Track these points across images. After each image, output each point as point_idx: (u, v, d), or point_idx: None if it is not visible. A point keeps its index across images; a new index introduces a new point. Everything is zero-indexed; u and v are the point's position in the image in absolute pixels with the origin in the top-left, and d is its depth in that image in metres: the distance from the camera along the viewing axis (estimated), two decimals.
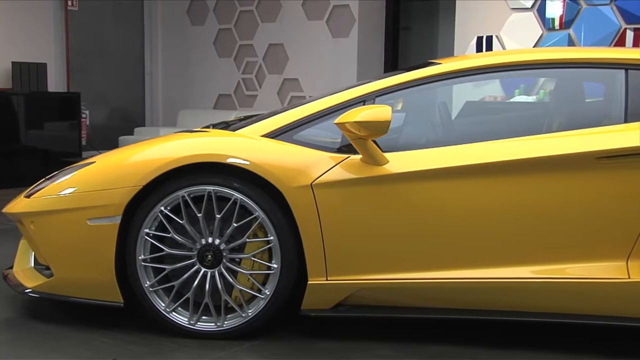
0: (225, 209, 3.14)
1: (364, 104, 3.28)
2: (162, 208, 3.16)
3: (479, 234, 3.08)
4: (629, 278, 2.95)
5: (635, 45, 5.64)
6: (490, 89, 5.69)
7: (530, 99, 5.60)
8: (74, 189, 3.25)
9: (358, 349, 3.14)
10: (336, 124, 3.07)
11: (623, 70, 3.21)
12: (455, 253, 3.10)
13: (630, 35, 5.68)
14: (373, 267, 3.14)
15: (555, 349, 3.13)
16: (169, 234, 3.18)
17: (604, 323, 3.05)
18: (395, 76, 3.42)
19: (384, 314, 3.19)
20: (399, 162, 3.12)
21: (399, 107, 3.67)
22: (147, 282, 3.21)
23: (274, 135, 3.30)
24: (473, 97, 5.16)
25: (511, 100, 5.64)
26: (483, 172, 3.06)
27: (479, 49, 6.75)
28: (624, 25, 5.70)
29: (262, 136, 3.30)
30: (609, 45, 5.75)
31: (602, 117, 3.31)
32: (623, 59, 3.25)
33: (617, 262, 3.00)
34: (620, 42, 5.73)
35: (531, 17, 6.30)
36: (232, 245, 3.18)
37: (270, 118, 3.42)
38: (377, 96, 3.33)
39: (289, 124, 3.31)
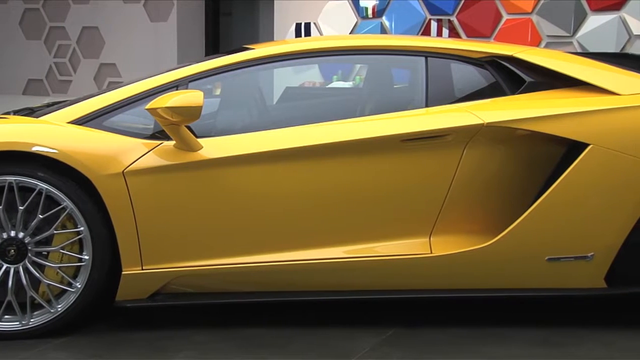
0: (29, 200, 2.98)
1: (177, 89, 3.23)
2: None
3: (293, 217, 3.15)
4: (432, 253, 3.16)
5: (439, 34, 6.01)
6: (310, 74, 5.83)
7: (347, 84, 5.79)
8: None
9: (176, 337, 3.11)
10: (147, 109, 3.01)
11: (423, 58, 3.41)
12: (269, 236, 3.15)
13: (434, 25, 6.04)
14: (190, 254, 3.12)
15: (369, 324, 3.28)
16: None
17: (412, 297, 3.25)
18: (208, 61, 3.41)
19: (201, 300, 3.19)
20: (213, 147, 3.12)
21: (218, 92, 3.66)
22: None
23: (83, 121, 3.17)
24: (294, 82, 5.25)
25: (329, 85, 5.79)
26: (296, 156, 3.13)
27: (298, 35, 6.87)
28: (429, 16, 6.06)
29: (69, 123, 3.16)
30: (417, 34, 6.08)
31: (407, 101, 3.50)
32: (423, 47, 3.46)
33: (421, 239, 3.20)
34: (427, 32, 6.08)
35: (346, 6, 6.51)
36: (38, 238, 3.03)
37: (78, 104, 3.29)
38: (190, 81, 3.30)
39: (98, 110, 3.20)
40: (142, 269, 3.07)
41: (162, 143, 3.10)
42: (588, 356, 2.93)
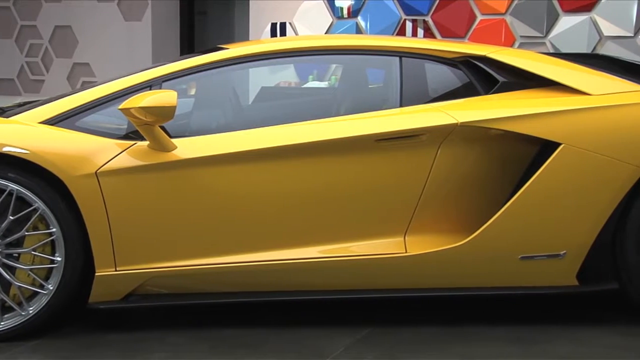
0: (0, 201, 2.94)
1: (150, 89, 3.21)
2: None
3: (268, 217, 3.14)
4: (406, 252, 3.17)
5: (414, 34, 6.04)
6: (286, 74, 5.82)
7: (323, 84, 5.78)
8: None
9: (150, 339, 3.09)
10: (120, 109, 2.99)
11: (398, 58, 3.42)
12: (246, 237, 3.14)
13: (409, 25, 6.07)
14: (165, 254, 3.10)
15: (344, 323, 3.29)
16: None
17: (387, 296, 3.25)
18: (182, 61, 3.39)
19: (175, 301, 3.17)
20: (187, 147, 3.10)
21: (193, 92, 3.65)
22: None
23: (55, 122, 3.14)
24: (270, 82, 5.24)
25: (305, 85, 5.79)
26: (270, 156, 3.12)
27: (273, 35, 6.85)
28: (404, 17, 6.09)
29: (40, 123, 3.13)
30: (392, 34, 6.10)
31: (381, 101, 3.51)
32: (397, 47, 3.47)
33: (396, 238, 3.21)
34: (402, 32, 6.10)
35: (322, 6, 6.52)
36: (9, 239, 2.99)
37: (50, 104, 3.26)
38: (164, 81, 3.28)
39: (71, 110, 3.18)
40: (116, 270, 3.05)
41: (135, 143, 3.08)
42: (558, 353, 2.96)
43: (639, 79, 3.32)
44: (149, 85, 3.25)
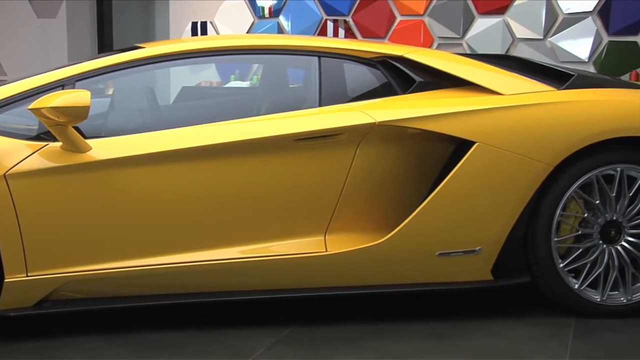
0: None
1: (62, 89, 3.12)
2: None
3: (186, 218, 3.11)
4: (327, 251, 3.19)
5: (335, 34, 6.09)
6: (208, 74, 5.77)
7: (245, 84, 5.77)
8: None
9: (66, 345, 3.01)
10: (30, 109, 2.91)
11: (317, 58, 3.44)
12: (164, 238, 3.09)
13: (330, 25, 6.12)
14: (79, 258, 3.03)
15: (266, 323, 3.28)
16: None
17: (308, 295, 3.26)
18: (96, 60, 3.32)
19: (91, 306, 3.09)
20: (103, 148, 3.03)
21: (110, 92, 3.57)
22: None
23: None
24: (191, 82, 5.17)
25: (226, 85, 5.76)
26: (189, 157, 3.09)
27: (194, 34, 6.79)
28: (325, 17, 6.14)
29: None
30: (314, 34, 6.13)
31: (301, 101, 3.52)
32: (316, 47, 3.48)
33: (316, 237, 3.22)
34: (323, 32, 6.15)
35: (243, 5, 6.50)
36: None
37: None
38: (77, 80, 3.20)
39: None
40: (27, 276, 2.96)
41: (47, 144, 2.99)
42: (474, 347, 3.04)
43: (548, 79, 3.45)
44: (61, 84, 3.16)
